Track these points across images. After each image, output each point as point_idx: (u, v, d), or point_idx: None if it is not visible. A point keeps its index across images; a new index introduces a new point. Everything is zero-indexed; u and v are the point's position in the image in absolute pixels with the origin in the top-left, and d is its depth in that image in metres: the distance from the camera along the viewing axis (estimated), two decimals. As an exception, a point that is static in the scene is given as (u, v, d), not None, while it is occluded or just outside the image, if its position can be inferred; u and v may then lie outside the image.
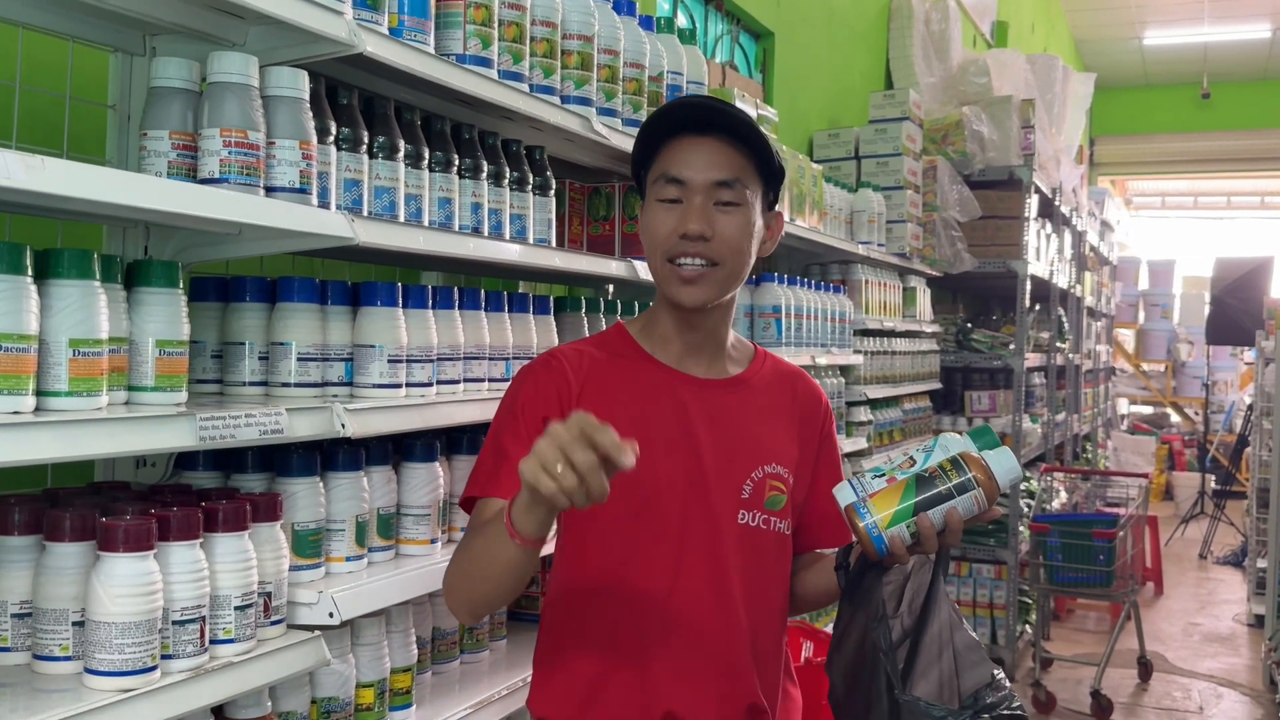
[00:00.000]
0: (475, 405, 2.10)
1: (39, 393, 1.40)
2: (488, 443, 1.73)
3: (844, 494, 1.64)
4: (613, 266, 2.63)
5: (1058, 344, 7.58)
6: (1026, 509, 6.37)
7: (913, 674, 1.63)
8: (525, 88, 2.22)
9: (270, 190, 1.68)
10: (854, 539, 1.67)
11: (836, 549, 1.76)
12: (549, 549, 1.81)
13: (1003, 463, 1.62)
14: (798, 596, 1.86)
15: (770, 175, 1.75)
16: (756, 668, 1.73)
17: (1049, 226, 7.31)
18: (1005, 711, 1.63)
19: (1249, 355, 12.26)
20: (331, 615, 1.73)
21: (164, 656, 1.49)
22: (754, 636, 1.72)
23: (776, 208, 1.81)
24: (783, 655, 1.82)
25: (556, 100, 2.33)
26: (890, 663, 1.61)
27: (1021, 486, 6.41)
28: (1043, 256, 7.01)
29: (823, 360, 4.02)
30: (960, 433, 1.73)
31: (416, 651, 2.08)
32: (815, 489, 1.84)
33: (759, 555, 1.74)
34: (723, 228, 1.68)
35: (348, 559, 1.89)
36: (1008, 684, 1.67)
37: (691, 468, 1.71)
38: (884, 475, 1.64)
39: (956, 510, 1.58)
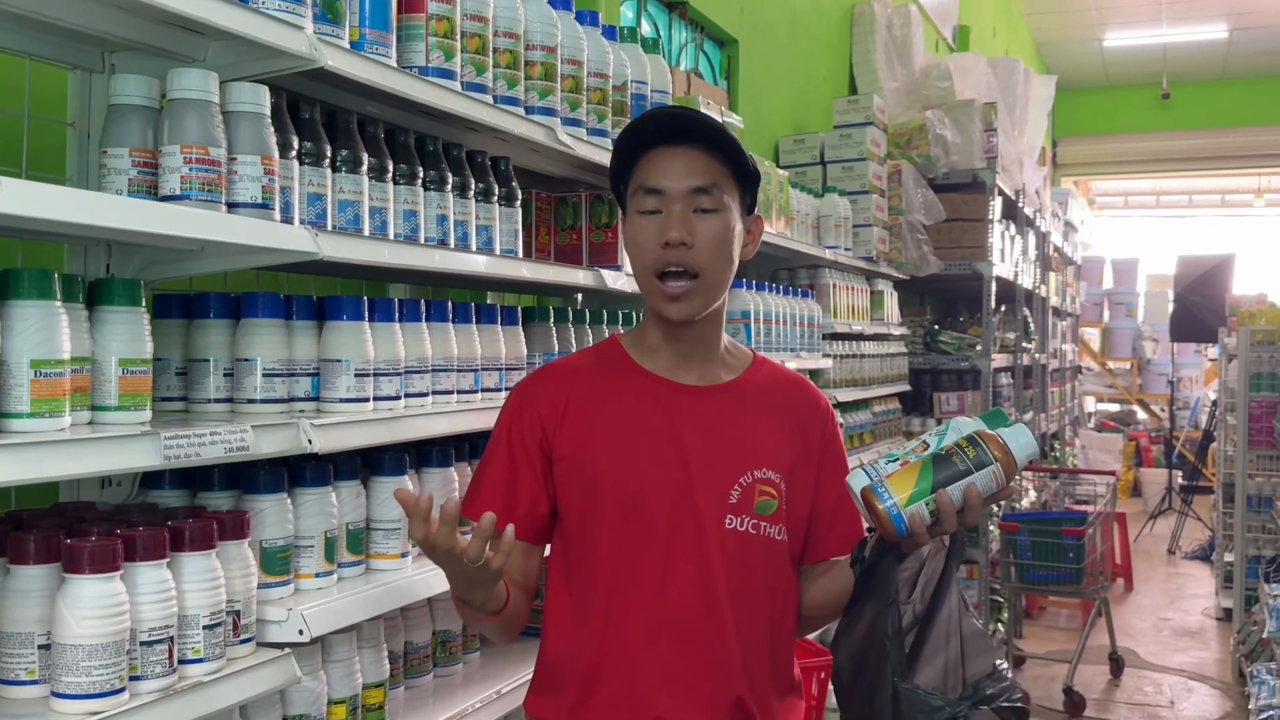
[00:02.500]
0: (444, 418, 2.09)
1: (0, 415, 1.39)
2: (480, 460, 1.84)
3: (858, 480, 1.64)
4: (580, 276, 2.63)
5: (1024, 344, 7.64)
6: (996, 508, 6.42)
7: (920, 658, 1.64)
8: (489, 99, 2.22)
9: (232, 206, 1.67)
10: (866, 536, 1.69)
11: (850, 552, 1.76)
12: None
13: (1018, 438, 1.63)
14: (815, 605, 1.85)
15: (746, 179, 1.79)
16: (745, 671, 1.74)
17: (1013, 228, 7.37)
18: (1005, 703, 1.62)
19: (1213, 352, 12.41)
20: (301, 632, 1.72)
21: (132, 678, 1.48)
22: (741, 640, 1.74)
23: (755, 211, 1.84)
24: (777, 661, 1.80)
25: (521, 111, 2.33)
26: (896, 650, 1.60)
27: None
28: (1007, 258, 7.07)
29: (792, 365, 4.03)
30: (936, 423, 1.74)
31: (389, 666, 2.07)
32: (822, 495, 1.83)
33: (747, 560, 1.75)
34: (702, 233, 1.72)
35: (317, 575, 1.88)
36: (1009, 674, 1.67)
37: (678, 474, 1.74)
38: (898, 460, 1.64)
39: (975, 486, 1.59)
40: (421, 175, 2.14)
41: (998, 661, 1.67)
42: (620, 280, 2.74)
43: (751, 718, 1.74)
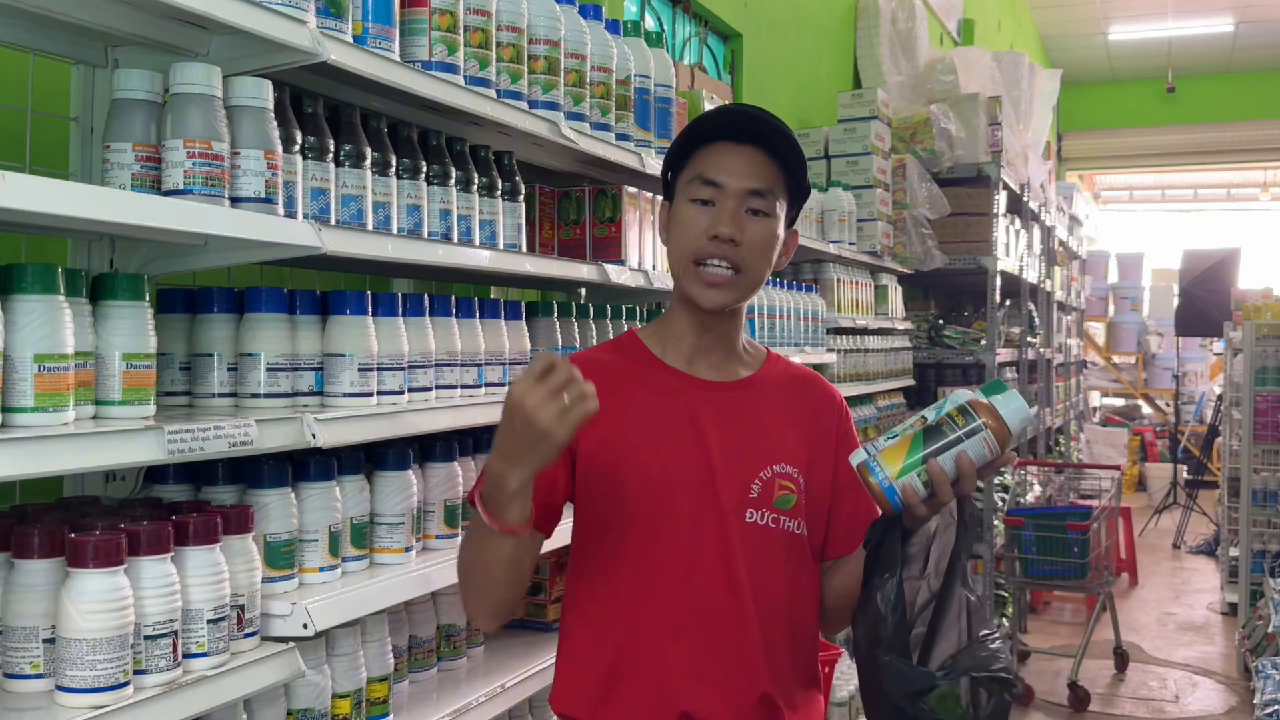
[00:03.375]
0: (448, 412, 2.09)
1: (4, 409, 1.39)
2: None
3: (856, 456, 1.64)
4: (584, 271, 2.63)
5: (1029, 338, 7.63)
6: (1001, 503, 6.42)
7: (938, 634, 1.63)
8: (492, 93, 2.22)
9: (235, 201, 1.67)
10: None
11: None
12: (555, 543, 1.84)
13: (1010, 404, 1.61)
14: (839, 593, 1.84)
15: (798, 193, 1.81)
16: (768, 664, 1.74)
17: (1018, 222, 7.36)
18: (986, 674, 1.57)
19: (1218, 346, 12.38)
20: (306, 626, 1.72)
21: (136, 672, 1.48)
22: (764, 633, 1.74)
23: (795, 226, 1.86)
24: (799, 654, 1.81)
25: (524, 105, 2.33)
26: (886, 624, 1.59)
27: (996, 480, 6.45)
28: (1012, 252, 7.06)
29: (796, 359, 4.02)
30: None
31: (393, 660, 2.07)
32: (839, 491, 1.83)
33: (768, 553, 1.76)
34: (751, 234, 1.74)
35: (321, 569, 1.88)
36: (995, 644, 1.62)
37: (701, 468, 1.75)
38: (896, 436, 1.64)
39: (967, 454, 1.58)
40: (425, 170, 2.14)
41: (984, 631, 1.64)
42: (624, 275, 2.74)
43: (777, 710, 1.75)
